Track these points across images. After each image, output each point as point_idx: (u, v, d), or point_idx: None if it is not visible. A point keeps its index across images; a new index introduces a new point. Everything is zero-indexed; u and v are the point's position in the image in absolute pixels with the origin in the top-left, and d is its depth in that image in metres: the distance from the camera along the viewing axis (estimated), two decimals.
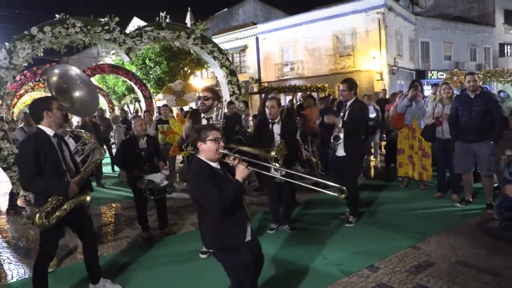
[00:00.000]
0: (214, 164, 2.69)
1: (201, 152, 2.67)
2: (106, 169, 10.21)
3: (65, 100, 4.33)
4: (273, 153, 3.33)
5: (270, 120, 4.76)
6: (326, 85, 20.44)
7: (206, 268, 4.00)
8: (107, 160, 10.62)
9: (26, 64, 6.40)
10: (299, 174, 3.88)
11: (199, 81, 24.94)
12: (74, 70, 4.82)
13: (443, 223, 4.86)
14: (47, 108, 3.18)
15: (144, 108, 14.17)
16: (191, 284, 3.69)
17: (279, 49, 25.36)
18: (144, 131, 5.04)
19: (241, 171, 2.60)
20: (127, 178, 5.17)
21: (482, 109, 5.06)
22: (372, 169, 8.72)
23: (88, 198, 3.37)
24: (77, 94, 4.64)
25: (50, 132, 3.21)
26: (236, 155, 2.71)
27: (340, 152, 5.03)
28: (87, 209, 3.71)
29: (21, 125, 7.72)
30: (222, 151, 2.66)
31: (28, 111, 11.19)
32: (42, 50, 6.49)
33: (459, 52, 26.61)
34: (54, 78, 4.55)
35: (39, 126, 3.21)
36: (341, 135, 4.93)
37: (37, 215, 3.03)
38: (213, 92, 4.29)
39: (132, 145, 4.96)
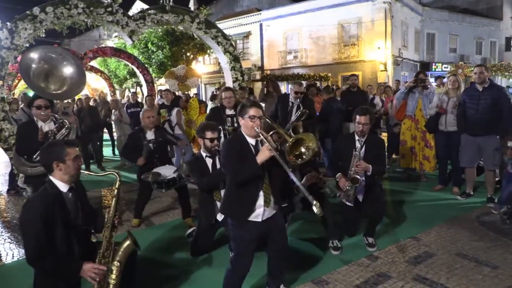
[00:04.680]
0: (250, 140, 2.74)
1: (241, 126, 2.78)
2: (107, 152, 10.19)
3: (53, 83, 4.21)
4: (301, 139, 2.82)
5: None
6: (329, 74, 20.31)
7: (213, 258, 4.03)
8: (107, 143, 10.60)
9: (27, 45, 6.33)
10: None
11: (201, 66, 24.80)
12: (53, 49, 4.66)
13: (443, 215, 4.86)
14: (59, 159, 2.56)
15: (145, 92, 14.09)
16: (196, 269, 3.71)
17: (283, 36, 25.10)
18: (152, 123, 4.89)
19: (262, 152, 2.57)
20: (138, 172, 4.96)
21: (490, 102, 4.99)
22: None
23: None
24: (65, 71, 4.40)
25: (63, 187, 2.61)
26: (266, 138, 2.60)
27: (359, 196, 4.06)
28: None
29: (22, 105, 7.68)
30: (257, 130, 2.64)
31: (27, 93, 11.16)
32: (44, 31, 6.41)
33: (464, 45, 26.36)
34: (33, 65, 4.27)
35: (50, 178, 2.61)
36: (361, 178, 3.89)
37: None
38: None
39: (139, 138, 4.86)
